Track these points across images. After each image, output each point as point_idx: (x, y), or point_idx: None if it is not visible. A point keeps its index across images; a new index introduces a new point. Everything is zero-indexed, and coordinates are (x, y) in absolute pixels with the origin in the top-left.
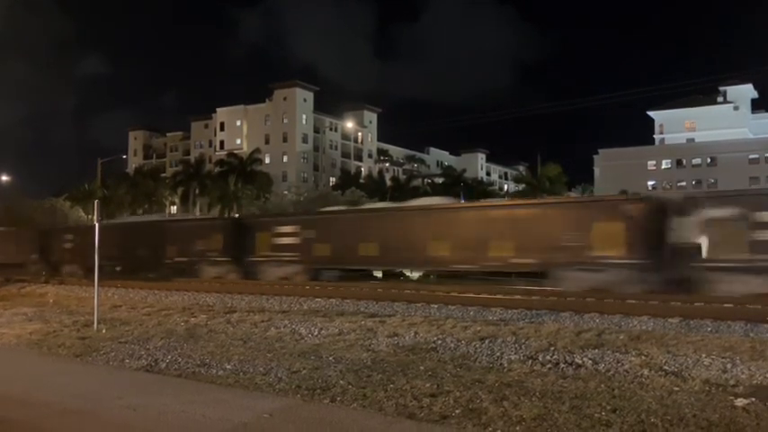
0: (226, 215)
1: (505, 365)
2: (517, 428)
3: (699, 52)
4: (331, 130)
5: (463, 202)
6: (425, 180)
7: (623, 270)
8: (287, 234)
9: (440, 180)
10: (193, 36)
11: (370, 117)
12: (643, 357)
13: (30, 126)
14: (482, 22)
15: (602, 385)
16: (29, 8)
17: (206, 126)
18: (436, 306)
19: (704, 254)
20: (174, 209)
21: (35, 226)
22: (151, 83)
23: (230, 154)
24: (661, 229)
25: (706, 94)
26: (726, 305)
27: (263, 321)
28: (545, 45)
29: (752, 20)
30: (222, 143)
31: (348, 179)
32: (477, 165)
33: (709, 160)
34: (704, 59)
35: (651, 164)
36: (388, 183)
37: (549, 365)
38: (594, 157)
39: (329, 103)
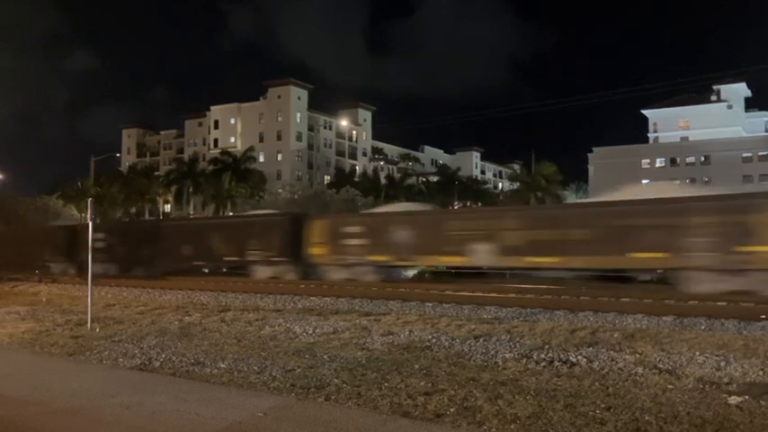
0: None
1: (500, 364)
2: (512, 427)
3: (693, 51)
4: (325, 128)
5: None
6: (420, 178)
7: (282, 265)
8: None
9: (434, 178)
10: (187, 33)
11: (365, 115)
12: (637, 355)
13: (22, 123)
14: (477, 18)
15: (597, 383)
16: (21, 3)
17: (200, 124)
18: (431, 304)
19: (319, 253)
20: (168, 207)
21: None
22: (145, 80)
23: (224, 152)
24: (298, 237)
25: (700, 92)
26: (719, 303)
27: (257, 320)
28: (541, 42)
29: (746, 19)
30: (216, 141)
31: (343, 177)
32: (472, 163)
33: (702, 159)
34: (698, 58)
35: (645, 162)
36: (383, 181)
37: (543, 364)
38: (589, 155)
39: (324, 101)
